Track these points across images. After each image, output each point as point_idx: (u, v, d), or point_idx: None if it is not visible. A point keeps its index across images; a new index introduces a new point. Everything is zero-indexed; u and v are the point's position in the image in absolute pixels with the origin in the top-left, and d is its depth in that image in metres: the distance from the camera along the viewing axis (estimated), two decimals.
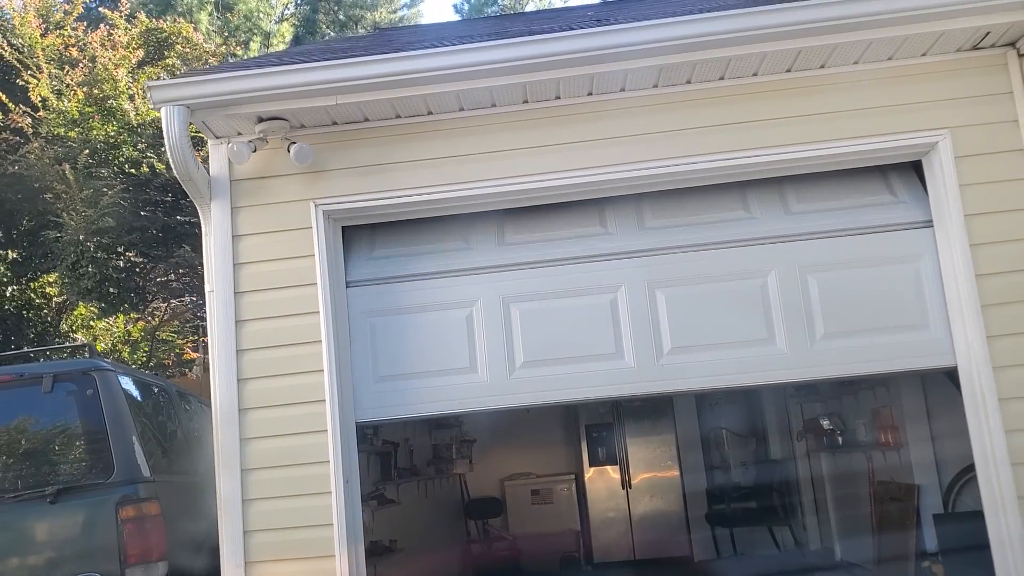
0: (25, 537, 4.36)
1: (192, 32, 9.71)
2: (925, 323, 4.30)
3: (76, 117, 7.70)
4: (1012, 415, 4.04)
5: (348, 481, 4.23)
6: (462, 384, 4.48)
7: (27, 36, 8.39)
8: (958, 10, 4.02)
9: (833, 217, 4.44)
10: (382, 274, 4.58)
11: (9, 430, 4.62)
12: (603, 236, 4.56)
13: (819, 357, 4.34)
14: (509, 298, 4.51)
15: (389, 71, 4.15)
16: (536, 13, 8.77)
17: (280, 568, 4.16)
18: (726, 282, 4.44)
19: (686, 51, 4.14)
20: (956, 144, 4.24)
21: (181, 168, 4.23)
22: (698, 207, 4.56)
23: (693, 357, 4.39)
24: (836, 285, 4.38)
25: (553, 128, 4.45)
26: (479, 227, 4.62)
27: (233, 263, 4.42)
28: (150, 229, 7.98)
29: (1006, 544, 4.02)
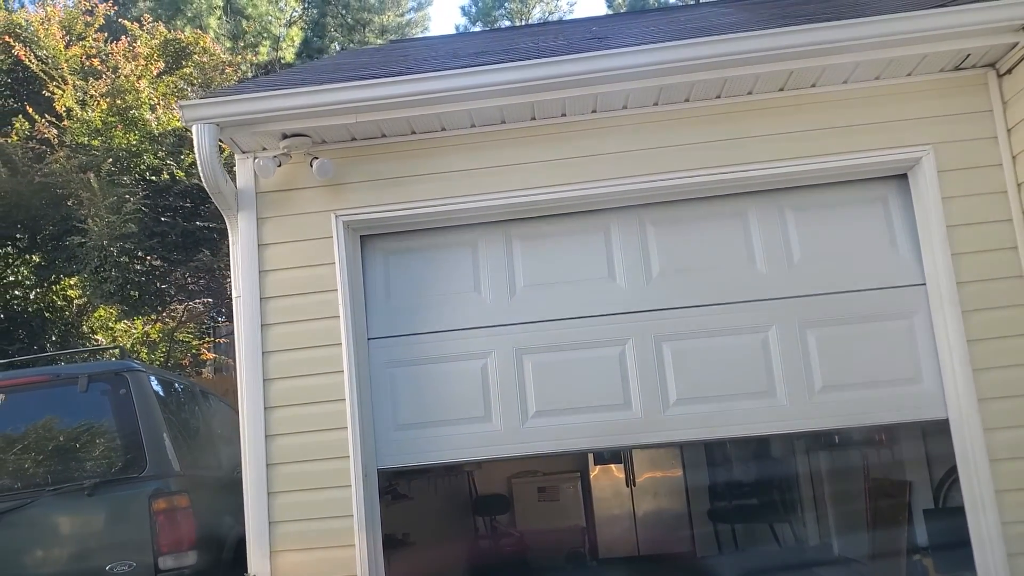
0: (64, 528, 4.63)
1: (209, 42, 9.99)
2: (919, 376, 4.51)
3: (99, 126, 8.00)
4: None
5: (367, 475, 4.51)
6: (477, 433, 4.70)
7: (51, 48, 8.69)
8: (940, 35, 4.28)
9: (833, 276, 4.63)
10: (399, 330, 4.80)
11: (48, 427, 4.90)
12: (612, 290, 4.74)
13: (817, 409, 4.55)
14: (522, 350, 4.73)
15: (406, 92, 4.43)
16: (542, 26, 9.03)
17: (303, 556, 4.44)
18: (729, 336, 4.64)
19: (684, 72, 4.40)
20: (939, 159, 4.49)
21: (211, 182, 4.51)
22: (705, 261, 4.74)
23: (698, 408, 4.61)
24: (834, 340, 4.58)
25: (559, 143, 4.72)
26: (492, 278, 4.81)
27: (259, 270, 4.70)
28: (170, 234, 8.26)
29: (985, 542, 4.27)
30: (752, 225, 4.73)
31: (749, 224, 4.74)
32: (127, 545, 4.55)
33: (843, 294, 4.61)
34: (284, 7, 28.62)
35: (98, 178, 7.47)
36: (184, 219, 8.38)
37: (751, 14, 6.15)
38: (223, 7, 26.19)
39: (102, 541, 4.59)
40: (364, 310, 4.80)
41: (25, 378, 5.12)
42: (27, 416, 4.90)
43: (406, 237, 4.91)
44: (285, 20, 28.30)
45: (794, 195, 4.75)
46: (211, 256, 8.27)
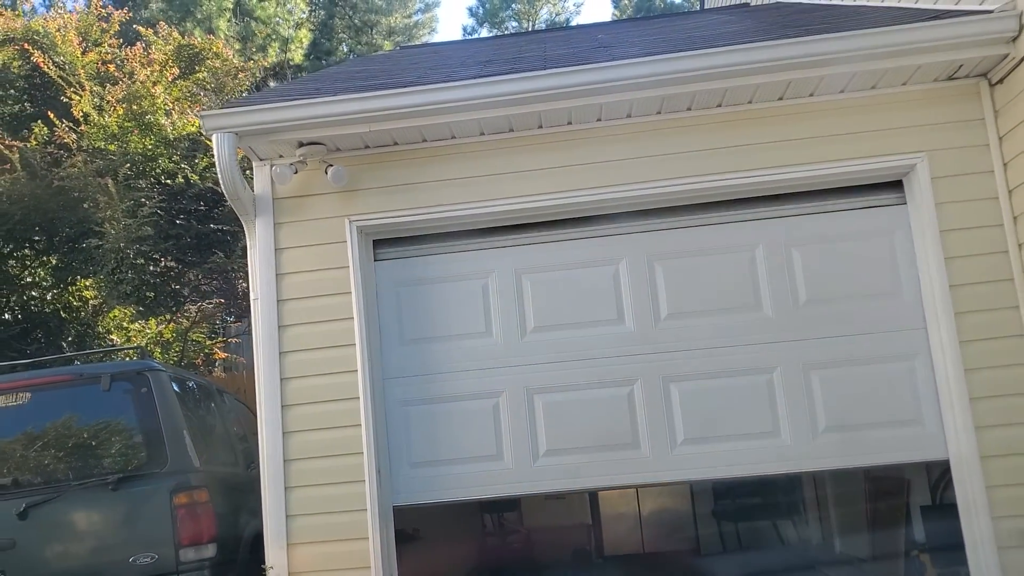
0: (89, 521, 4.80)
1: (222, 47, 10.19)
2: (919, 418, 4.63)
3: (116, 131, 8.18)
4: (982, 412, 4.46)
5: (380, 471, 4.68)
6: (489, 471, 4.83)
7: (68, 54, 8.89)
8: (933, 47, 4.44)
9: (839, 323, 4.76)
10: (413, 370, 4.93)
11: (72, 425, 5.08)
12: (621, 332, 4.86)
13: (820, 449, 4.67)
14: (533, 390, 4.87)
15: (417, 102, 4.61)
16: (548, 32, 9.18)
17: (318, 549, 4.62)
18: (735, 378, 4.77)
19: (686, 83, 4.56)
20: (933, 166, 4.64)
21: (230, 188, 4.70)
22: (712, 303, 4.85)
23: (704, 448, 4.74)
24: (837, 380, 4.70)
25: (565, 151, 4.88)
26: (503, 314, 4.94)
27: (275, 273, 4.88)
28: (184, 236, 8.44)
29: (978, 544, 4.42)
30: (759, 264, 4.85)
31: (756, 264, 4.85)
32: (149, 538, 4.72)
33: (846, 337, 4.73)
34: (293, 9, 28.85)
35: (115, 182, 7.66)
36: (198, 221, 8.56)
37: (753, 22, 6.31)
38: (233, 9, 26.43)
39: (125, 534, 4.76)
40: (376, 310, 4.96)
41: (50, 377, 5.30)
42: (52, 414, 5.07)
43: (417, 283, 5.04)
44: (293, 22, 28.52)
45: (799, 227, 4.86)
46: (225, 258, 8.46)
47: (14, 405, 5.05)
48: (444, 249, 5.03)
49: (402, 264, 5.05)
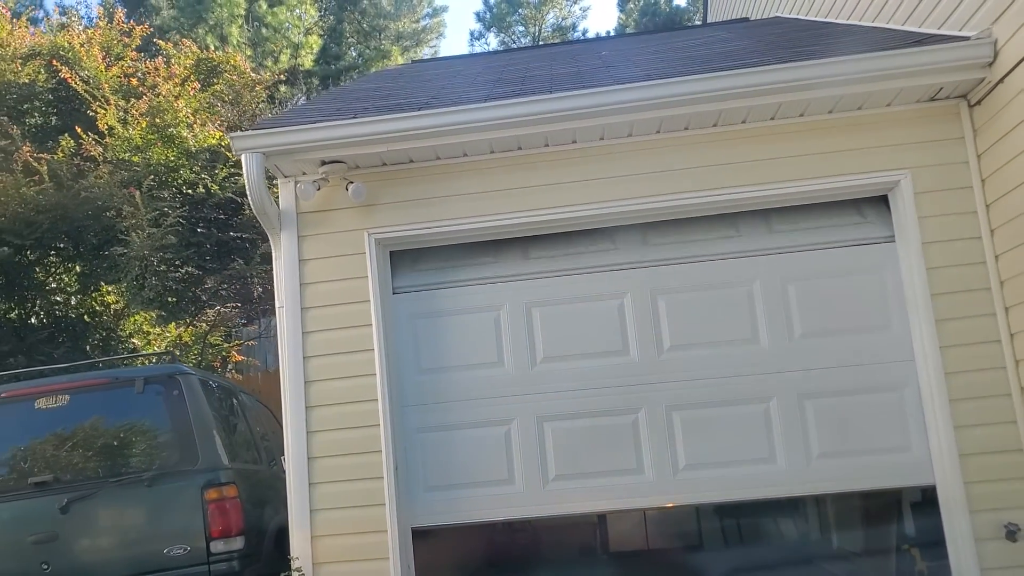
0: (126, 516, 5.14)
1: (239, 61, 10.53)
2: (908, 444, 4.89)
3: (139, 143, 8.53)
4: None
5: (398, 467, 5.01)
6: (501, 495, 5.09)
7: (92, 68, 9.24)
8: (915, 71, 4.73)
9: (834, 352, 5.02)
10: (428, 398, 5.22)
11: (108, 425, 5.42)
12: (625, 361, 5.14)
13: (814, 474, 4.94)
14: (543, 417, 5.14)
15: (432, 124, 4.93)
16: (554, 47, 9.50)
17: (340, 540, 4.94)
18: (734, 406, 5.04)
19: (683, 105, 4.87)
20: (916, 182, 4.94)
21: (258, 204, 5.03)
22: (712, 336, 5.12)
23: (704, 473, 5.00)
24: (831, 410, 4.97)
25: (570, 167, 5.20)
26: (514, 345, 5.21)
27: (300, 283, 5.20)
28: (205, 244, 8.79)
29: (957, 539, 4.72)
30: (756, 299, 5.12)
31: (754, 298, 5.13)
32: (182, 531, 5.06)
33: (840, 368, 5.01)
34: (303, 15, 29.19)
35: (141, 193, 8.00)
36: (218, 229, 8.90)
37: (749, 42, 6.61)
38: (244, 16, 26.79)
39: (159, 527, 5.10)
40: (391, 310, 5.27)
41: (87, 381, 5.64)
42: (90, 415, 5.42)
43: (433, 315, 5.32)
44: (303, 28, 28.85)
45: (795, 263, 5.13)
46: (244, 264, 8.79)
47: (54, 407, 5.40)
48: (458, 283, 5.32)
49: (418, 297, 5.33)
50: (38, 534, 5.04)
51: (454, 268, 5.36)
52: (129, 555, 5.07)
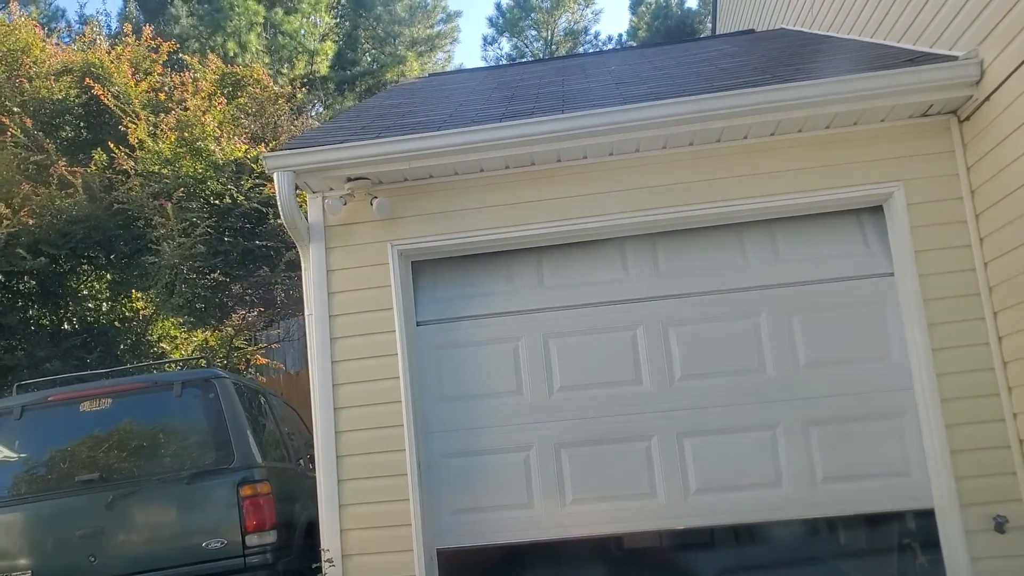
0: (167, 511, 5.48)
1: (262, 75, 10.90)
2: (908, 470, 5.13)
3: (169, 156, 8.90)
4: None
5: (420, 464, 5.33)
6: (521, 518, 5.35)
7: (122, 84, 9.62)
8: (907, 89, 5.01)
9: (837, 383, 5.28)
10: (451, 425, 5.51)
11: (149, 426, 5.77)
12: (638, 390, 5.41)
13: (818, 498, 5.18)
14: (560, 443, 5.40)
15: (450, 143, 5.25)
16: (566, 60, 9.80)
17: (368, 534, 5.26)
18: (742, 433, 5.29)
19: (687, 123, 5.17)
20: (908, 193, 5.22)
21: (289, 218, 5.36)
22: (721, 366, 5.38)
23: (714, 497, 5.25)
24: (835, 436, 5.22)
25: (580, 182, 5.51)
26: (532, 374, 5.49)
27: (327, 292, 5.54)
28: (232, 252, 9.14)
29: (957, 557, 4.96)
30: (763, 330, 5.39)
31: (760, 330, 5.39)
32: (219, 525, 5.40)
33: (842, 396, 5.26)
34: (318, 22, 29.62)
35: (171, 205, 8.37)
36: (244, 238, 9.26)
37: (752, 57, 6.89)
38: (262, 23, 27.23)
39: (198, 522, 5.44)
40: (415, 326, 5.60)
41: (128, 385, 5.99)
42: (132, 417, 5.77)
43: (455, 346, 5.62)
44: (319, 35, 29.27)
45: (798, 295, 5.39)
46: (269, 272, 9.15)
47: (98, 409, 5.75)
48: (478, 316, 5.61)
49: (441, 328, 5.63)
50: (85, 529, 5.38)
51: (473, 298, 5.64)
52: (170, 548, 5.41)
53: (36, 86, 9.50)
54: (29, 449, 5.80)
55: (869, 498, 5.16)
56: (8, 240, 8.42)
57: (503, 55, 33.83)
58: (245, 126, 10.46)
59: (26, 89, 9.46)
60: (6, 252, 8.42)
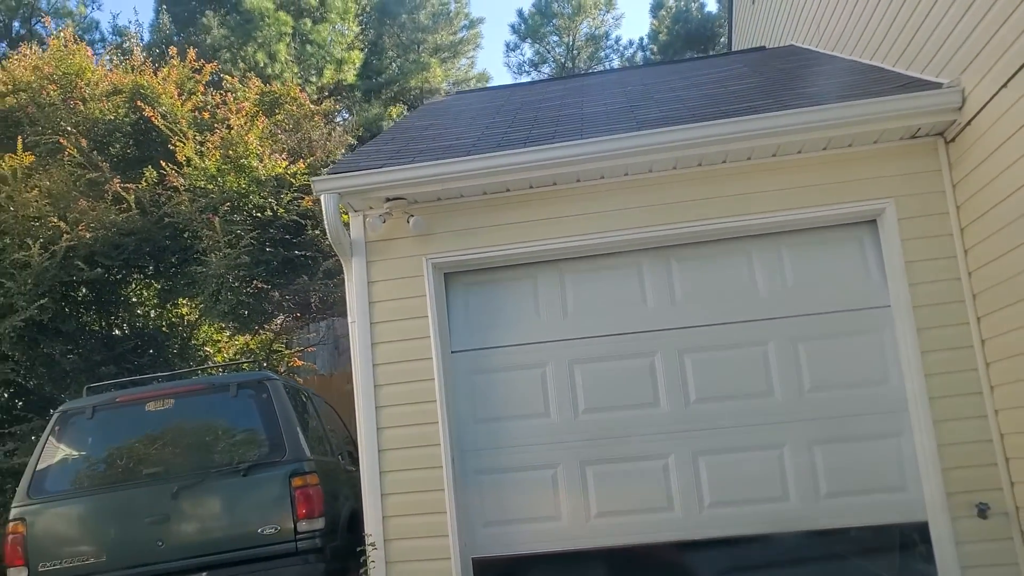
0: (226, 500, 6.05)
1: (298, 93, 11.52)
2: (905, 485, 5.57)
3: (214, 173, 9.52)
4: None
5: (455, 459, 5.88)
6: (549, 529, 5.84)
7: (169, 105, 10.27)
8: (895, 115, 5.50)
9: (839, 404, 5.74)
10: (483, 443, 6.02)
11: (208, 424, 6.37)
12: (656, 412, 5.88)
13: (822, 512, 5.63)
14: (585, 461, 5.89)
15: (478, 167, 5.81)
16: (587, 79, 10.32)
17: (407, 520, 5.82)
18: (752, 451, 5.75)
19: (695, 147, 5.69)
20: (899, 208, 5.69)
21: (334, 235, 5.93)
22: (732, 391, 5.84)
23: (726, 510, 5.72)
24: (837, 454, 5.67)
25: (598, 199, 6.03)
26: (559, 398, 5.99)
27: (369, 301, 6.10)
28: (273, 261, 9.74)
29: (943, 541, 5.45)
30: (771, 357, 5.84)
31: (768, 357, 5.85)
32: (273, 513, 5.97)
33: (844, 418, 5.72)
34: (345, 31, 30.31)
35: (219, 219, 8.99)
36: (284, 248, 9.86)
37: (760, 79, 7.37)
38: (291, 34, 27.95)
39: (253, 510, 6.00)
40: (448, 331, 6.15)
41: (188, 386, 6.60)
42: (192, 416, 6.38)
43: (488, 371, 6.13)
44: (346, 44, 29.95)
45: (803, 326, 5.84)
46: (308, 280, 9.75)
47: (162, 409, 6.36)
48: (509, 344, 6.14)
49: (474, 355, 6.16)
50: (153, 517, 5.97)
51: (499, 328, 6.18)
52: (228, 534, 5.98)
53: (91, 108, 10.16)
54: (100, 445, 6.42)
55: (868, 512, 5.59)
56: (66, 252, 9.05)
57: (525, 61, 34.37)
58: (282, 141, 11.07)
59: (80, 110, 10.12)
60: (65, 264, 9.05)
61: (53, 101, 10.12)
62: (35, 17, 31.19)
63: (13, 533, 6.03)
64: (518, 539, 5.89)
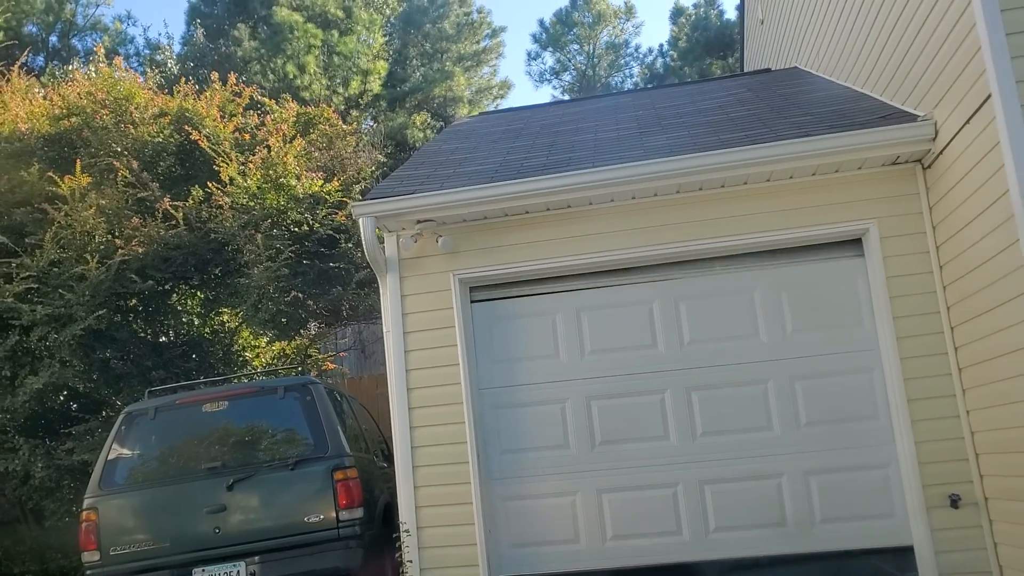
0: (275, 492, 6.75)
1: (331, 114, 12.27)
2: (892, 511, 6.15)
3: (256, 191, 10.26)
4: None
5: (479, 456, 6.54)
6: (569, 551, 6.46)
7: (213, 127, 11.03)
8: (876, 145, 6.09)
9: (830, 437, 6.32)
10: (503, 474, 6.64)
11: (259, 423, 7.09)
12: (667, 446, 6.48)
13: (816, 536, 6.22)
14: (601, 489, 6.52)
15: (500, 192, 6.48)
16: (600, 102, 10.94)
17: (437, 511, 6.49)
18: (754, 480, 6.35)
19: (696, 174, 6.32)
20: (881, 229, 6.29)
21: (371, 253, 6.62)
22: (735, 426, 6.44)
23: (730, 535, 6.31)
24: (831, 484, 6.25)
25: (609, 220, 6.65)
26: (576, 430, 6.62)
27: (402, 313, 6.78)
28: (309, 273, 10.46)
29: (923, 544, 6.04)
30: (771, 396, 6.44)
31: (768, 394, 6.44)
32: (317, 503, 6.65)
33: (837, 450, 6.30)
34: (371, 42, 31.11)
35: (261, 235, 9.72)
36: (320, 260, 10.59)
37: (760, 106, 7.97)
38: (320, 46, 28.78)
39: (300, 501, 6.70)
40: (474, 343, 6.82)
41: (241, 390, 7.34)
42: (244, 416, 7.10)
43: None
44: (372, 55, 30.74)
45: (802, 366, 6.43)
46: (342, 290, 10.47)
47: (217, 410, 7.08)
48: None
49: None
50: (211, 506, 6.68)
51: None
52: (278, 522, 6.68)
53: (141, 131, 10.94)
54: (162, 442, 7.16)
55: (859, 536, 6.17)
56: (120, 266, 9.81)
57: (547, 69, 35.06)
58: (316, 158, 11.81)
59: (131, 133, 10.90)
60: (119, 276, 9.81)
61: (106, 125, 10.90)
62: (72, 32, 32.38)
63: (87, 521, 6.78)
64: (541, 561, 6.53)
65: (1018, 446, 5.33)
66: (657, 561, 6.37)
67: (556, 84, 34.63)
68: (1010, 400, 5.34)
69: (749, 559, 6.31)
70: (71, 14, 31.27)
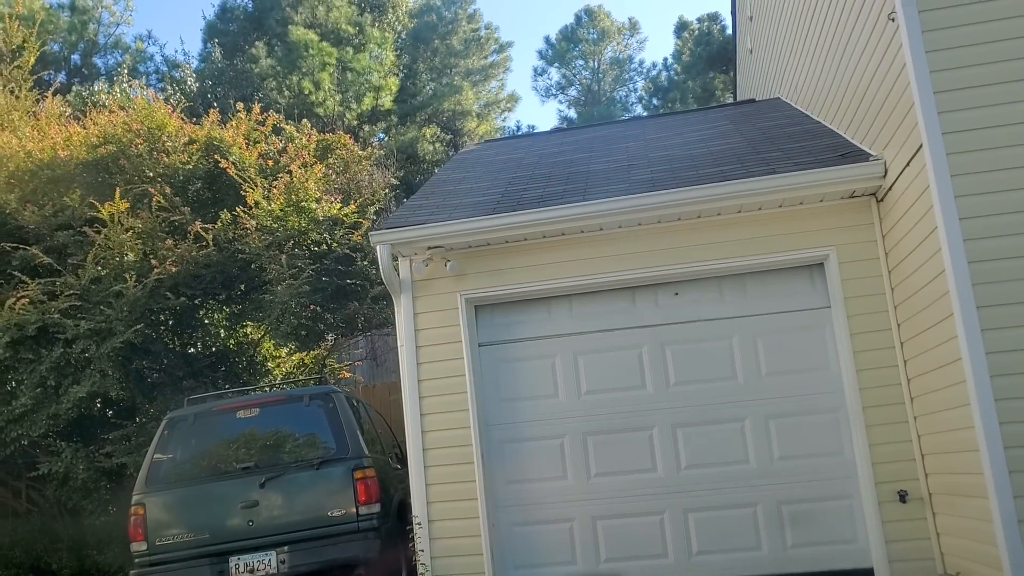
0: (302, 489, 7.55)
1: (348, 140, 13.16)
2: (856, 537, 6.85)
3: (279, 215, 11.13)
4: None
5: (484, 456, 7.36)
6: (566, 572, 7.18)
7: (239, 155, 11.91)
8: (834, 182, 6.89)
9: (800, 468, 7.05)
10: (507, 502, 7.41)
11: (287, 428, 7.92)
12: (654, 478, 7.21)
13: (789, 559, 6.91)
14: (596, 516, 7.25)
15: (501, 223, 7.30)
16: (596, 132, 11.75)
17: (446, 506, 7.31)
18: (732, 509, 7.05)
19: (675, 207, 7.11)
20: (840, 255, 7.08)
21: (387, 276, 7.45)
22: (716, 459, 7.16)
23: (711, 557, 7.05)
24: (801, 512, 6.97)
25: (599, 246, 7.47)
26: (573, 463, 7.36)
27: (415, 329, 7.61)
28: (328, 289, 11.30)
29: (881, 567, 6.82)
30: (747, 434, 7.17)
31: (746, 431, 7.17)
32: (339, 500, 7.45)
33: (807, 482, 7.03)
34: (383, 58, 32.05)
35: (285, 256, 10.58)
36: (338, 277, 11.44)
37: (739, 140, 8.77)
38: (334, 64, 29.72)
39: (324, 497, 7.50)
40: (479, 356, 7.64)
41: (271, 398, 8.20)
42: (274, 422, 7.93)
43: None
44: (384, 71, 31.68)
45: (776, 405, 7.16)
46: (358, 305, 11.33)
47: (250, 416, 7.92)
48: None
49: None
50: (245, 502, 7.50)
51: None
52: (305, 516, 7.48)
53: (173, 159, 11.83)
54: (201, 445, 7.99)
55: (827, 559, 6.88)
56: (155, 285, 10.67)
57: (552, 84, 35.89)
58: (333, 181, 12.68)
59: (164, 161, 11.79)
60: (154, 294, 10.67)
61: (140, 153, 11.80)
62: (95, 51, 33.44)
63: (135, 515, 7.62)
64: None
65: (955, 447, 6.11)
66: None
67: (562, 99, 35.51)
68: (947, 407, 6.11)
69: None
70: (93, 33, 32.33)
